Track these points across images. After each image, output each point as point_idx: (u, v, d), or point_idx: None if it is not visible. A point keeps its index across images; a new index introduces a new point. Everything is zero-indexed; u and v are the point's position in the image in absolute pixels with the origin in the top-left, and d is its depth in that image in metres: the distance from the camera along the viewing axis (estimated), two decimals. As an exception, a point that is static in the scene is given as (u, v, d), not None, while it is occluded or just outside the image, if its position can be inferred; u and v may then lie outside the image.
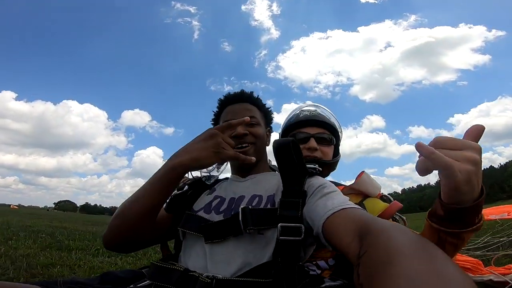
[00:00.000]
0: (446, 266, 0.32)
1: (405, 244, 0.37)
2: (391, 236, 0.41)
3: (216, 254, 0.75)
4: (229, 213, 0.81)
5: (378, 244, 0.41)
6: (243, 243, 0.74)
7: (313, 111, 1.25)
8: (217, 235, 0.77)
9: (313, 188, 0.78)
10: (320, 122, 1.20)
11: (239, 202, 0.85)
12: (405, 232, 0.42)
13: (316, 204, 0.71)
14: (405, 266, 0.32)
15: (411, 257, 0.34)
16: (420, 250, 0.36)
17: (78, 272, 2.29)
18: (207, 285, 0.66)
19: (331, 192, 0.74)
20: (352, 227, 0.54)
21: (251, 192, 0.87)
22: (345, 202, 0.67)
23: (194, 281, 0.68)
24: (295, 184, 0.79)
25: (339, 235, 0.57)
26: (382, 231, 0.44)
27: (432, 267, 0.32)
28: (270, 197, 0.83)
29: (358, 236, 0.50)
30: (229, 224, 0.77)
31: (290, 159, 0.79)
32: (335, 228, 0.60)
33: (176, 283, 0.70)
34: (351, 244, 0.51)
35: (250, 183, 0.93)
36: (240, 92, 1.02)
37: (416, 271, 0.31)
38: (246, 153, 0.91)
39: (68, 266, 2.43)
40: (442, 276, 0.30)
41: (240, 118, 0.88)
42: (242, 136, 0.91)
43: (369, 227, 0.49)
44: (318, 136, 1.17)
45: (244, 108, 0.98)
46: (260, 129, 0.97)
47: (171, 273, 0.73)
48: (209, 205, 0.88)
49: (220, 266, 0.72)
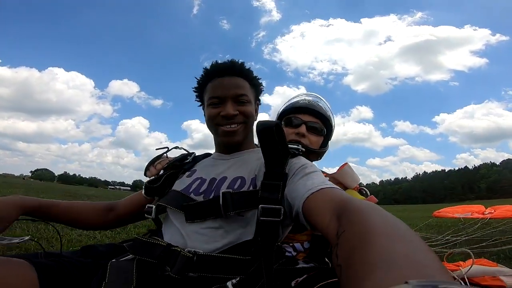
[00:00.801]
0: (419, 248, 0.33)
1: (381, 224, 0.39)
2: (368, 216, 0.42)
3: (195, 232, 0.76)
4: (209, 194, 0.82)
5: (355, 224, 0.42)
6: (223, 223, 0.76)
7: (312, 100, 1.29)
8: (198, 216, 0.78)
9: (294, 169, 0.78)
10: (315, 112, 1.24)
11: (220, 183, 0.85)
12: (381, 212, 0.44)
13: (297, 184, 0.71)
14: (380, 247, 0.34)
15: (386, 238, 0.35)
16: (395, 231, 0.37)
17: (55, 245, 2.23)
18: (189, 259, 0.68)
19: (312, 172, 0.75)
20: (330, 206, 0.55)
21: (233, 174, 0.86)
22: (324, 182, 0.68)
23: (176, 256, 0.70)
24: (277, 165, 0.79)
25: (318, 214, 0.58)
26: (359, 210, 0.46)
27: (406, 248, 0.33)
28: (253, 179, 0.82)
29: (335, 215, 0.51)
30: (209, 206, 0.77)
31: (272, 142, 0.78)
32: (314, 207, 0.61)
33: (159, 257, 0.72)
34: (330, 223, 0.51)
35: (234, 163, 0.92)
36: (231, 63, 0.91)
37: (392, 252, 0.32)
38: (235, 132, 0.90)
39: (45, 239, 2.39)
40: (416, 258, 0.31)
41: (230, 94, 0.87)
42: (232, 116, 0.88)
43: (346, 207, 0.50)
44: (310, 124, 1.22)
45: (235, 83, 0.89)
46: (250, 107, 0.92)
47: (154, 248, 0.74)
48: (189, 187, 0.88)
49: (199, 244, 0.74)
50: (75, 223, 1.01)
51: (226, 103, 0.88)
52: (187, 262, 0.68)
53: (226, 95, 0.88)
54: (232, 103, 0.88)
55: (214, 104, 0.89)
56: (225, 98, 0.88)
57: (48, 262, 0.70)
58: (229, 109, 0.87)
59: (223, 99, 0.88)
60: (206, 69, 0.93)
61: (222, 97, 0.88)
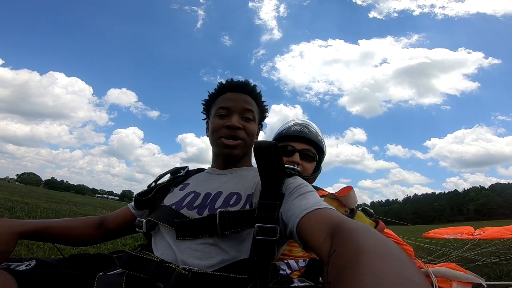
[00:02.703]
0: (408, 267, 0.34)
1: (372, 244, 0.40)
2: (360, 236, 0.43)
3: (188, 248, 0.74)
4: (203, 210, 0.81)
5: (347, 244, 0.43)
6: (218, 241, 0.75)
7: (304, 127, 1.36)
8: (191, 233, 0.76)
9: (291, 188, 0.78)
10: (307, 140, 1.31)
11: (215, 198, 0.84)
12: (374, 233, 0.45)
13: (292, 203, 0.71)
14: (370, 265, 0.34)
15: (376, 257, 0.36)
16: (385, 250, 0.38)
17: (36, 252, 2.15)
18: (184, 277, 0.66)
19: (307, 192, 0.75)
20: (324, 226, 0.56)
21: (229, 189, 0.86)
22: (319, 202, 0.68)
23: (170, 273, 0.68)
24: (274, 185, 0.79)
25: (312, 234, 0.58)
26: (351, 231, 0.47)
27: (395, 267, 0.34)
28: (249, 196, 0.82)
29: (329, 235, 0.52)
30: (204, 224, 0.76)
31: (269, 162, 0.79)
32: (309, 227, 0.61)
33: (151, 273, 0.70)
34: (323, 243, 0.52)
35: (230, 178, 0.91)
36: (244, 82, 0.98)
37: (381, 270, 0.33)
38: (234, 147, 0.91)
39: (25, 245, 2.28)
40: (404, 276, 0.32)
41: (238, 108, 0.92)
42: (236, 129, 0.90)
43: (340, 227, 0.51)
44: (303, 152, 1.28)
45: (245, 100, 0.95)
46: (254, 125, 0.96)
47: (146, 263, 0.72)
48: (181, 201, 0.86)
49: (192, 260, 0.72)
50: (69, 241, 0.98)
51: (233, 115, 0.92)
52: (182, 280, 0.66)
53: (234, 108, 0.92)
54: (238, 117, 0.92)
55: (221, 115, 0.93)
56: (232, 111, 0.92)
57: (31, 273, 0.67)
58: (235, 120, 0.91)
59: (230, 111, 0.92)
60: (221, 83, 0.99)
61: (230, 108, 0.92)
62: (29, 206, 5.84)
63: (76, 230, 0.97)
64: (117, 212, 1.03)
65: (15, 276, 0.62)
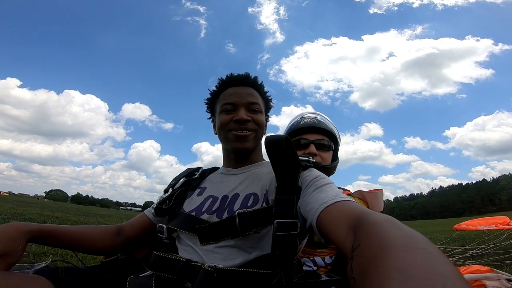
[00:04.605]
0: (439, 261, 0.31)
1: (397, 237, 0.37)
2: (384, 229, 0.41)
3: (211, 251, 0.75)
4: (222, 213, 0.81)
5: (371, 237, 0.41)
6: (240, 242, 0.75)
7: (313, 118, 1.32)
8: (213, 237, 0.76)
9: (307, 181, 0.76)
10: (319, 129, 1.27)
11: (233, 201, 0.83)
12: (398, 225, 0.42)
13: (310, 197, 0.69)
14: (397, 259, 0.32)
15: (403, 250, 0.34)
16: (412, 243, 0.35)
17: (70, 262, 2.28)
18: (209, 274, 0.68)
19: (325, 184, 0.72)
20: (345, 220, 0.53)
21: (245, 190, 0.85)
22: (338, 194, 0.65)
23: (197, 271, 0.69)
24: (289, 179, 0.77)
25: (333, 228, 0.56)
26: (375, 224, 0.44)
27: (423, 261, 0.31)
28: (265, 195, 0.81)
29: (351, 229, 0.49)
30: (225, 227, 0.76)
31: (283, 156, 0.77)
32: (329, 221, 0.59)
33: (178, 273, 0.71)
34: (346, 237, 0.50)
35: (244, 178, 0.90)
36: (245, 75, 0.94)
37: (409, 264, 0.31)
38: (247, 138, 0.89)
39: (60, 255, 2.40)
40: (434, 271, 0.29)
41: (243, 102, 0.89)
42: (244, 122, 0.88)
43: (363, 220, 0.48)
44: (318, 142, 1.24)
45: (248, 92, 0.92)
46: (262, 116, 0.94)
47: (173, 263, 0.73)
48: (201, 207, 0.86)
49: (217, 262, 0.72)
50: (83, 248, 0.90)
51: (239, 109, 0.89)
52: (208, 277, 0.68)
53: (239, 102, 0.90)
54: (245, 110, 0.90)
55: (227, 111, 0.90)
56: (238, 105, 0.90)
57: (67, 278, 0.69)
58: (243, 114, 0.88)
59: (236, 105, 0.90)
60: (222, 79, 0.95)
61: (235, 103, 0.90)
62: (59, 219, 6.11)
63: (90, 237, 0.91)
64: (134, 220, 1.00)
65: (53, 281, 0.63)
